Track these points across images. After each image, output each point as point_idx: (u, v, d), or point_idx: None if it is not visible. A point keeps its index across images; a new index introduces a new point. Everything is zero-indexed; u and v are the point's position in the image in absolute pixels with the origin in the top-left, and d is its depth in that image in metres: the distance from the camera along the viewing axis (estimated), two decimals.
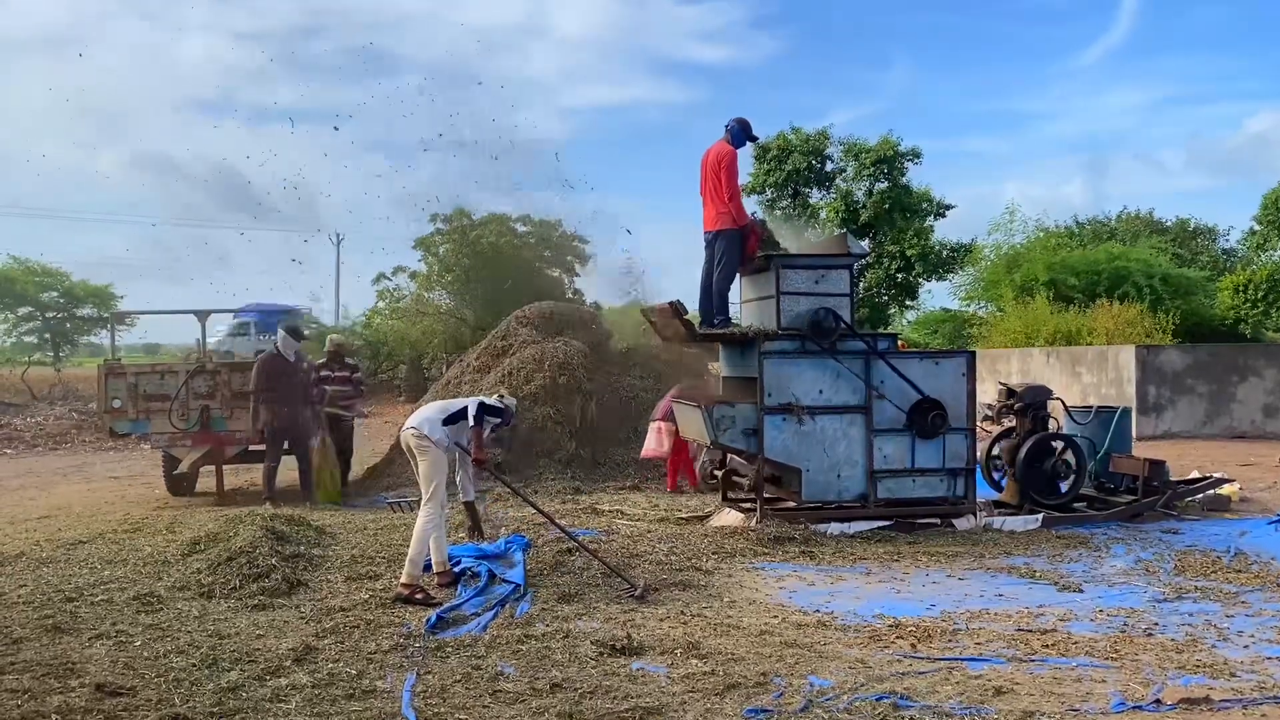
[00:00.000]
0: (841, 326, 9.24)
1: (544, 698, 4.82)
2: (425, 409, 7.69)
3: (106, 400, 12.21)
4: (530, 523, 9.27)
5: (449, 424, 7.41)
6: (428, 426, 7.33)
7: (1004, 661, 5.37)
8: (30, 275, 38.50)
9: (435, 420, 7.39)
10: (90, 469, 16.36)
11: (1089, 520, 9.69)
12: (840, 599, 6.83)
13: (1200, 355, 19.57)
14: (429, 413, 7.51)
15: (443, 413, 7.47)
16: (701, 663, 5.31)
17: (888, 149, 34.74)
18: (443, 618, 6.23)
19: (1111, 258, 27.84)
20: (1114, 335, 23.28)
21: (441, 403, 7.78)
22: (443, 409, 7.54)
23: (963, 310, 34.96)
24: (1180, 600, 6.72)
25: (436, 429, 7.34)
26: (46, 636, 5.95)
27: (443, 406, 7.61)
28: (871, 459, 9.26)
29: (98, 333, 41.37)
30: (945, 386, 9.39)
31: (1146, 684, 4.96)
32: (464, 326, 29.90)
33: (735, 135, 9.69)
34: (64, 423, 22.74)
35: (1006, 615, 6.35)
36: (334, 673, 5.18)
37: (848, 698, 4.75)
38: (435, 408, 7.60)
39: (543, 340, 14.47)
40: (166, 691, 4.95)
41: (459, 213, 30.68)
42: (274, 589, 6.90)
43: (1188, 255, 35.18)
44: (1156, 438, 18.21)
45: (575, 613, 6.39)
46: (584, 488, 12.15)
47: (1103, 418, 10.95)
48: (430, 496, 7.18)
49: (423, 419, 7.41)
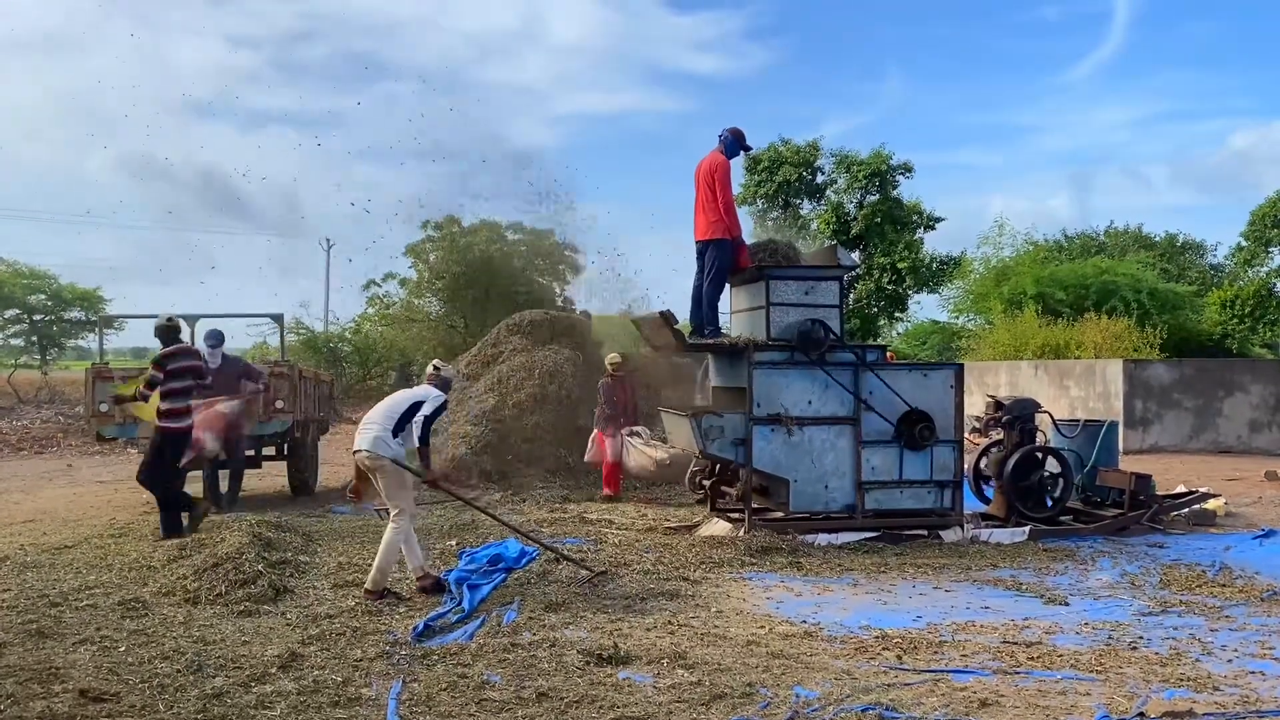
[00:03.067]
0: (831, 338, 9.27)
1: (530, 707, 4.82)
2: (370, 426, 7.26)
3: (94, 404, 12.15)
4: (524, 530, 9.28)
5: (399, 433, 7.20)
6: (380, 447, 7.10)
7: (989, 674, 5.38)
8: (18, 278, 38.30)
9: (384, 439, 7.13)
10: (76, 473, 16.27)
11: (1075, 533, 9.72)
12: (827, 610, 6.84)
13: (1187, 370, 19.68)
14: (376, 430, 7.17)
15: (389, 421, 7.20)
16: (688, 673, 5.31)
17: (880, 162, 34.89)
18: (429, 626, 6.22)
19: (1100, 272, 28.00)
20: (1102, 349, 23.40)
21: (384, 412, 7.33)
22: (388, 418, 7.23)
23: (951, 323, 35.11)
24: (1165, 614, 6.74)
25: (388, 447, 7.13)
26: (30, 641, 5.92)
27: (387, 415, 7.26)
28: (859, 470, 9.28)
29: (85, 336, 41.19)
30: (933, 399, 9.42)
31: (1131, 697, 4.98)
32: (454, 334, 29.86)
33: (729, 145, 9.69)
34: (50, 426, 22.64)
35: (992, 628, 6.37)
36: (320, 680, 5.17)
37: (833, 709, 4.76)
38: (380, 421, 7.23)
39: (533, 348, 14.47)
40: (151, 697, 4.92)
41: (450, 220, 30.66)
42: (260, 595, 6.88)
43: (1175, 270, 35.42)
44: (1143, 452, 18.29)
45: (562, 622, 6.39)
46: (572, 496, 12.15)
47: (1090, 431, 11.00)
48: (400, 513, 7.12)
49: (373, 440, 7.12)
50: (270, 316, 14.97)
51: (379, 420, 7.25)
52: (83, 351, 43.33)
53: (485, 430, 13.17)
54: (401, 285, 32.26)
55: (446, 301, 31.14)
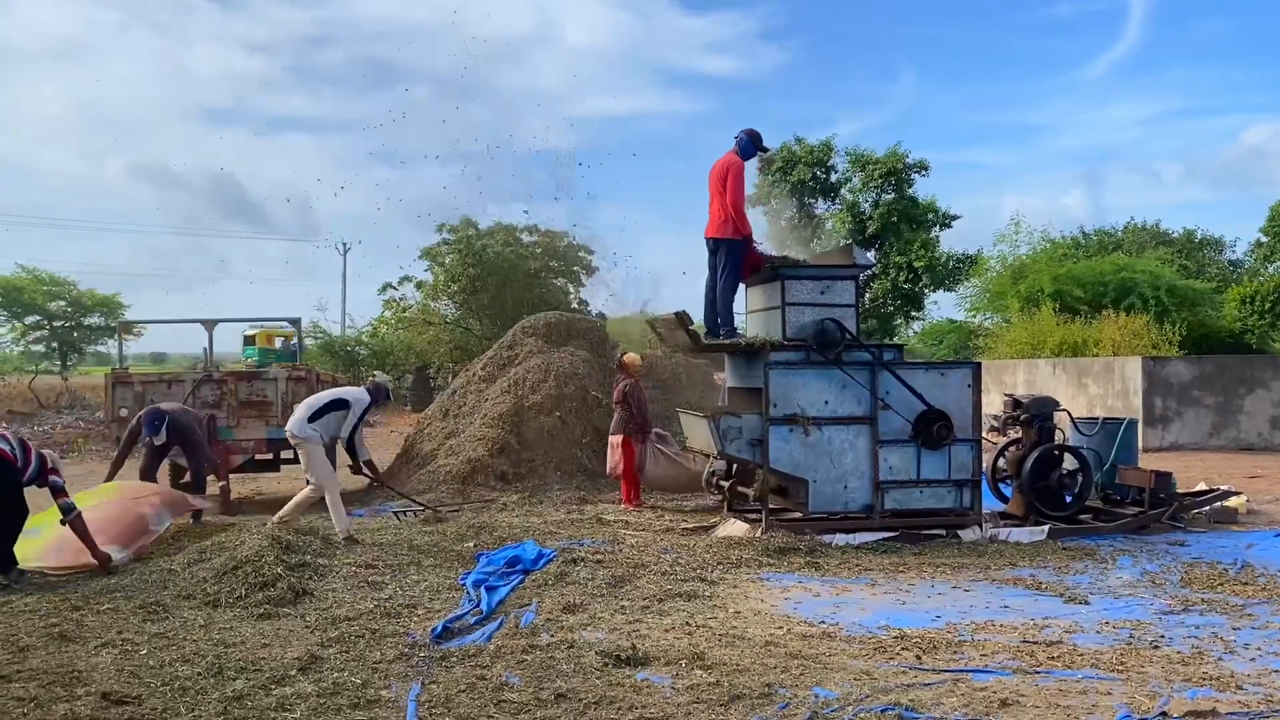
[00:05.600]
0: (847, 337, 9.25)
1: (549, 708, 4.82)
2: (296, 410, 9.41)
3: (114, 409, 12.24)
4: (540, 532, 9.31)
5: (314, 420, 9.08)
6: (296, 427, 9.11)
7: (1009, 673, 5.35)
8: (38, 284, 38.62)
9: (301, 420, 9.11)
10: (97, 478, 16.35)
11: (1095, 532, 9.66)
12: (845, 610, 6.82)
13: (1207, 367, 19.53)
14: (297, 414, 9.25)
15: (308, 410, 9.16)
16: (706, 674, 5.30)
17: (896, 161, 34.78)
18: (448, 627, 6.23)
19: (1118, 269, 27.81)
20: (1120, 346, 23.25)
21: (308, 402, 9.39)
22: (308, 407, 9.22)
23: (968, 321, 34.95)
24: (1186, 613, 6.69)
25: (303, 427, 9.06)
26: (53, 644, 5.96)
27: (308, 405, 9.26)
28: (877, 470, 9.26)
29: (105, 341, 41.49)
30: (951, 397, 9.39)
31: (1152, 697, 4.94)
32: (470, 336, 29.95)
33: (744, 147, 9.71)
34: (71, 431, 22.78)
35: (1012, 627, 6.33)
36: (339, 682, 5.19)
37: (852, 709, 4.74)
38: (302, 407, 9.28)
39: (548, 350, 14.49)
40: (172, 700, 4.95)
41: (465, 223, 30.75)
42: (279, 598, 6.90)
43: (1194, 267, 35.11)
44: (1163, 450, 18.18)
45: (580, 623, 6.39)
46: (589, 497, 12.15)
47: (1109, 429, 10.94)
48: (321, 481, 9.09)
49: (293, 421, 9.25)
50: (287, 320, 15.04)
51: (302, 408, 9.30)
52: (102, 357, 43.67)
53: (502, 432, 13.20)
54: (418, 288, 32.39)
55: (462, 304, 31.25)
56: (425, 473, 12.99)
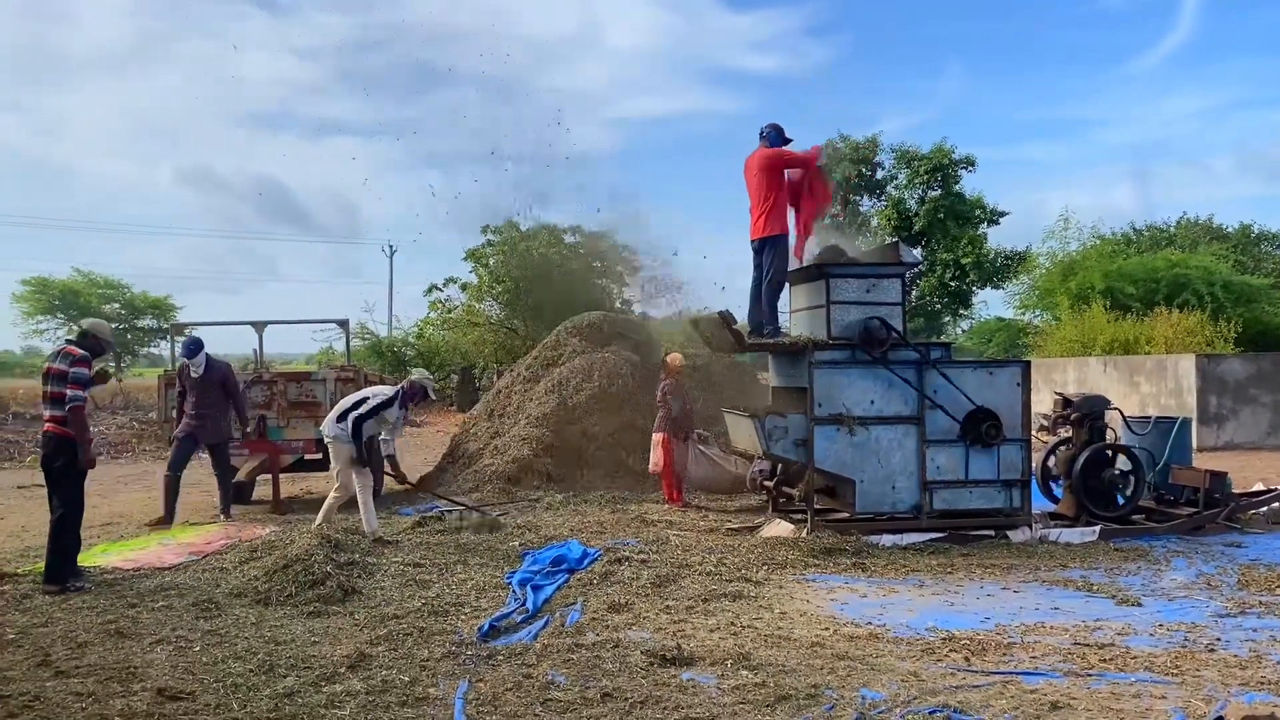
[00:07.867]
0: (893, 336, 9.17)
1: (594, 707, 4.84)
2: (331, 412, 9.64)
3: (166, 409, 12.46)
4: (584, 531, 9.34)
5: (343, 420, 9.19)
6: (328, 426, 9.38)
7: (1060, 676, 5.28)
8: (93, 287, 39.45)
9: (331, 419, 9.36)
10: (151, 477, 16.66)
11: (1148, 533, 9.50)
12: (893, 611, 6.76)
13: (1264, 364, 19.13)
14: (330, 416, 9.47)
15: (338, 411, 9.38)
16: (752, 674, 5.29)
17: (942, 157, 34.44)
18: (494, 626, 6.27)
19: (1170, 265, 27.32)
20: (1173, 344, 22.85)
21: (340, 404, 9.59)
22: (340, 407, 9.42)
23: (1017, 319, 34.50)
24: (1244, 615, 6.56)
25: (331, 427, 9.30)
26: (110, 641, 6.09)
27: (340, 405, 9.47)
28: (925, 470, 9.17)
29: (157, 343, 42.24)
30: (1000, 396, 9.28)
31: (1209, 701, 4.85)
32: (514, 337, 30.11)
33: (772, 140, 9.70)
34: (125, 432, 23.22)
35: (1063, 629, 6.24)
36: (388, 680, 5.24)
37: (900, 711, 4.70)
38: (335, 410, 9.48)
39: (592, 350, 14.52)
40: (224, 697, 5.04)
41: (509, 224, 30.92)
42: (329, 596, 6.99)
43: (1250, 262, 34.37)
44: (1218, 449, 17.83)
45: (625, 622, 6.40)
46: (631, 497, 12.16)
47: (1162, 428, 10.75)
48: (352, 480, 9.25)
49: (325, 421, 9.53)
50: (336, 322, 15.23)
51: (335, 410, 9.51)
52: (155, 358, 44.50)
53: (546, 432, 13.26)
54: (463, 289, 32.63)
55: (506, 305, 31.42)
56: (471, 472, 13.09)
